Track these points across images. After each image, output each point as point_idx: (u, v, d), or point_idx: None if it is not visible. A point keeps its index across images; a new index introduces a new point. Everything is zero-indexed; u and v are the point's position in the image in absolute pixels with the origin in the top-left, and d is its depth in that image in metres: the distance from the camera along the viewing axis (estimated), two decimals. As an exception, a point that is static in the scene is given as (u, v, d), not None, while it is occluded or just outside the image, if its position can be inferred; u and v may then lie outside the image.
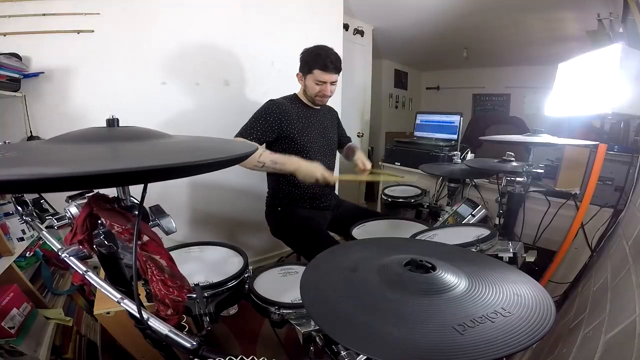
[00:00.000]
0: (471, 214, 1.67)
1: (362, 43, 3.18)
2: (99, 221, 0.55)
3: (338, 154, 1.78)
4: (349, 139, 1.77)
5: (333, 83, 1.44)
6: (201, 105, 1.85)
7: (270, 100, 1.45)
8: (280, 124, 1.41)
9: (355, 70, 3.17)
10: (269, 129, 1.39)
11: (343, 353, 0.67)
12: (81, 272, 0.59)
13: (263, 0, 1.97)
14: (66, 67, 1.47)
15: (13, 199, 0.72)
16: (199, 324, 0.85)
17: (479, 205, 1.69)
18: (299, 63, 1.48)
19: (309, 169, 1.28)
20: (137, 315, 0.54)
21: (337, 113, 1.73)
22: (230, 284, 0.94)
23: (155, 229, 0.59)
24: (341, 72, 1.47)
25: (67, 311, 1.31)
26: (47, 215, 0.69)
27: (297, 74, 1.47)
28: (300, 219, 1.42)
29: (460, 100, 4.61)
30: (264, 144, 1.46)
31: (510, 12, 2.67)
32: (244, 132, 1.38)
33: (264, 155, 1.33)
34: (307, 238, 1.38)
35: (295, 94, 1.55)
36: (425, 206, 2.00)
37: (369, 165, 1.53)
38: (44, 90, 1.44)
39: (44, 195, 0.74)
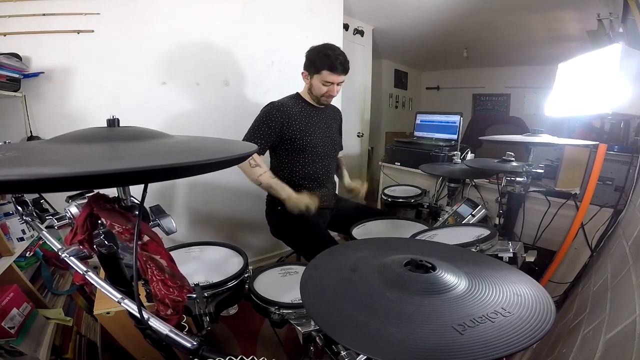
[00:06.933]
0: (471, 214, 1.67)
1: (362, 43, 3.18)
2: (99, 221, 0.55)
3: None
4: (341, 147, 1.73)
5: (339, 84, 1.43)
6: (201, 105, 1.85)
7: (271, 104, 1.44)
8: (282, 127, 1.40)
9: (355, 70, 3.16)
10: (272, 135, 1.40)
11: (343, 353, 0.67)
12: (81, 272, 0.59)
13: (263, 0, 1.97)
14: (66, 67, 1.47)
15: (13, 199, 0.71)
16: (199, 324, 0.85)
17: (479, 205, 1.69)
18: (300, 63, 1.48)
19: (298, 201, 1.34)
20: (138, 315, 0.54)
21: (341, 114, 1.70)
22: (230, 284, 0.94)
23: (156, 229, 0.59)
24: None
25: (67, 311, 1.31)
26: (47, 215, 0.69)
27: (303, 72, 1.45)
28: (300, 219, 1.41)
29: (460, 100, 4.60)
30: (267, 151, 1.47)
31: (510, 12, 2.67)
32: (248, 141, 1.38)
33: (263, 176, 1.38)
34: (306, 238, 1.38)
35: (298, 93, 1.54)
36: (425, 206, 2.00)
37: (363, 188, 1.61)
38: (44, 90, 1.44)
39: (44, 195, 0.74)
